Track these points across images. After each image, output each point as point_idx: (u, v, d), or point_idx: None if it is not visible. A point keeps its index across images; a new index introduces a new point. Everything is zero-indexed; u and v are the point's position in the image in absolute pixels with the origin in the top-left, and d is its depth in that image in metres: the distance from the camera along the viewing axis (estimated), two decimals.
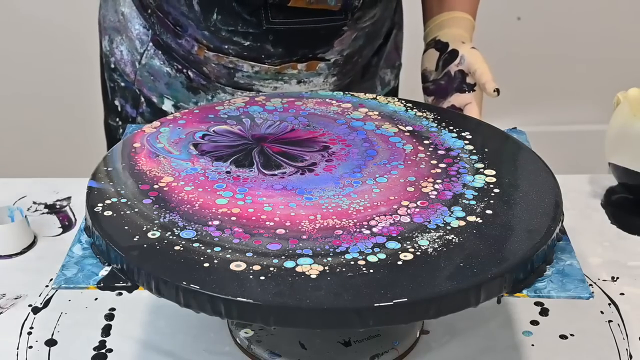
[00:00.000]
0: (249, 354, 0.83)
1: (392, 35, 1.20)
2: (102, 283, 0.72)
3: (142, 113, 1.17)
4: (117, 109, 1.20)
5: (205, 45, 1.07)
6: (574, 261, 0.75)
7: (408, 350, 0.84)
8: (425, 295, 0.67)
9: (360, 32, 1.09)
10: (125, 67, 1.16)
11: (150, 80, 1.14)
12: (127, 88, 1.17)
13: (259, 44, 1.05)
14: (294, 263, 0.69)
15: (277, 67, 1.07)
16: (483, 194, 0.80)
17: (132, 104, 1.17)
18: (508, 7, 2.23)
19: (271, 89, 1.10)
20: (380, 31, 1.15)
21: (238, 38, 1.05)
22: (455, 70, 1.08)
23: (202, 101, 1.12)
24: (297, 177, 0.83)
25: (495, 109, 2.17)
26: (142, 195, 0.79)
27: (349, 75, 1.14)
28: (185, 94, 1.13)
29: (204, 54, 1.08)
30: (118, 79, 1.18)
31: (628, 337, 0.87)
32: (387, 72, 1.21)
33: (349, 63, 1.12)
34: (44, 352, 0.85)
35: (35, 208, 1.09)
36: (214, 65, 1.08)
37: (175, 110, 1.13)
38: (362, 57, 1.14)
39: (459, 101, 1.08)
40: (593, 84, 2.27)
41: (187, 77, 1.12)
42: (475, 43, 1.11)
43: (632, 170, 1.05)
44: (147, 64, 1.13)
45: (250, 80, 1.09)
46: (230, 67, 1.08)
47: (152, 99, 1.15)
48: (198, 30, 1.06)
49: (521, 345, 0.86)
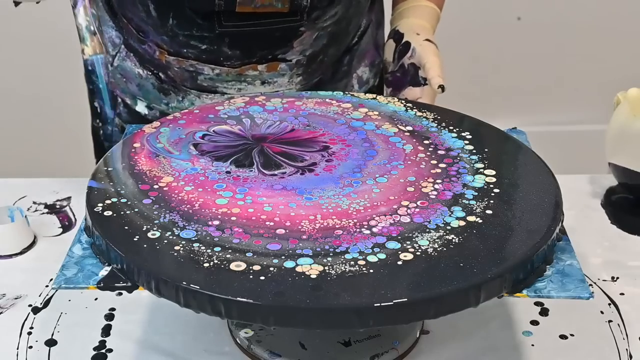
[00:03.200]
0: (249, 354, 0.83)
1: (367, 34, 1.19)
2: (102, 283, 0.72)
3: (119, 114, 1.18)
4: (97, 111, 1.21)
5: (165, 49, 1.08)
6: (574, 261, 0.75)
7: (408, 350, 0.84)
8: (425, 295, 0.67)
9: (321, 31, 1.08)
10: (101, 69, 1.18)
11: (122, 82, 1.15)
12: (105, 90, 1.19)
13: (215, 47, 1.05)
14: (294, 263, 0.69)
15: (237, 69, 1.08)
16: (483, 194, 0.80)
17: (111, 105, 1.19)
18: (508, 7, 2.23)
19: (235, 90, 1.10)
20: (347, 30, 1.14)
21: (195, 42, 1.05)
22: (407, 63, 1.08)
23: (173, 102, 1.13)
24: (297, 177, 0.83)
25: (496, 109, 2.18)
26: (142, 195, 0.79)
27: (316, 75, 1.13)
28: (157, 95, 1.13)
29: (165, 58, 1.08)
30: (96, 80, 1.20)
31: (628, 337, 0.87)
32: (366, 71, 1.20)
33: (314, 62, 1.11)
34: (44, 352, 0.85)
35: (35, 208, 1.09)
36: (177, 69, 1.09)
37: (149, 111, 1.14)
38: (328, 56, 1.13)
39: (411, 95, 1.09)
40: (593, 84, 2.27)
41: (157, 79, 1.12)
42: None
43: (632, 170, 1.05)
44: (119, 66, 1.14)
45: (213, 82, 1.09)
46: (191, 70, 1.08)
47: (126, 101, 1.16)
48: (157, 35, 1.07)
49: (521, 345, 0.86)
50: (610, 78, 2.13)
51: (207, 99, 1.10)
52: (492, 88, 2.29)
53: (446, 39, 2.09)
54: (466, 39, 2.20)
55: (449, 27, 2.14)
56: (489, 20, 2.23)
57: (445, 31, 2.13)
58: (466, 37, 2.20)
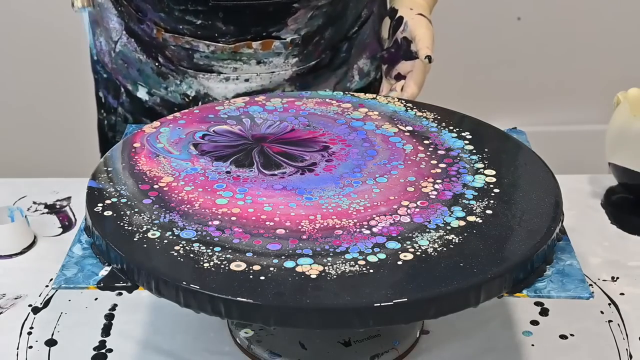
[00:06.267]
0: (249, 354, 0.83)
1: (367, 24, 1.20)
2: (102, 283, 0.72)
3: (122, 103, 1.19)
4: (102, 101, 1.22)
5: (162, 27, 1.10)
6: (574, 261, 0.75)
7: (408, 350, 0.84)
8: (425, 295, 0.67)
9: (316, 11, 1.09)
10: (104, 57, 1.19)
11: (124, 67, 1.16)
12: (109, 79, 1.20)
13: (210, 22, 1.07)
14: (294, 263, 0.69)
15: (232, 46, 1.08)
16: (483, 194, 0.80)
17: (113, 95, 1.19)
18: (508, 7, 2.23)
19: (231, 69, 1.10)
20: (345, 14, 1.15)
21: (190, 17, 1.07)
22: (400, 37, 1.09)
23: (172, 86, 1.14)
24: (297, 177, 0.83)
25: (496, 109, 2.18)
26: (142, 195, 0.79)
27: (312, 58, 1.13)
28: (156, 79, 1.14)
29: (162, 35, 1.10)
30: (100, 70, 1.21)
31: (628, 337, 0.87)
32: (367, 63, 1.20)
33: (309, 44, 1.12)
34: (44, 352, 0.85)
35: (35, 208, 1.09)
36: (173, 47, 1.10)
37: (150, 97, 1.15)
38: (324, 39, 1.13)
39: (404, 69, 1.09)
40: (593, 84, 2.27)
41: (156, 63, 1.13)
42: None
43: (632, 170, 1.05)
44: (121, 51, 1.15)
45: (209, 61, 1.10)
46: (187, 47, 1.09)
47: (128, 87, 1.17)
48: (155, 12, 1.08)
49: (521, 345, 0.86)
50: (610, 78, 2.13)
51: (204, 79, 1.11)
52: (492, 88, 2.29)
53: (446, 39, 2.10)
54: (466, 39, 2.20)
55: (450, 27, 2.15)
56: (489, 20, 2.23)
57: (446, 31, 2.13)
58: (466, 37, 2.20)
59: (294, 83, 1.13)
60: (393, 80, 1.11)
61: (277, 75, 1.11)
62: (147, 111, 1.16)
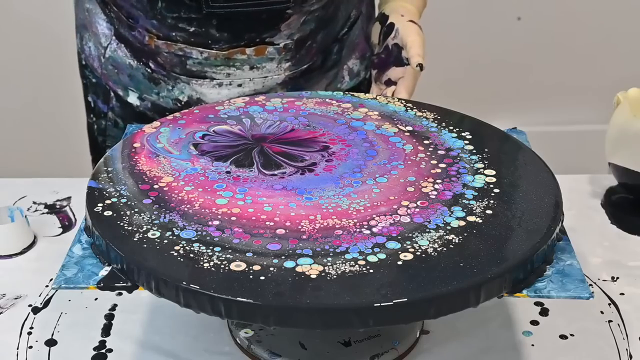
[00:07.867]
0: (249, 354, 0.83)
1: (357, 24, 1.20)
2: (102, 283, 0.72)
3: (112, 108, 1.19)
4: (91, 105, 1.22)
5: (154, 34, 1.09)
6: (574, 261, 0.75)
7: (408, 350, 0.84)
8: (425, 295, 0.67)
9: (309, 15, 1.09)
10: (93, 62, 1.18)
11: (114, 73, 1.16)
12: (98, 84, 1.19)
13: (203, 29, 1.07)
14: (294, 263, 0.69)
15: (225, 53, 1.08)
16: (483, 194, 0.80)
17: (103, 100, 1.19)
18: (508, 7, 2.23)
19: (224, 75, 1.10)
20: (336, 16, 1.15)
21: (183, 24, 1.07)
22: (391, 43, 1.09)
23: (163, 92, 1.13)
24: (297, 177, 0.83)
25: (496, 109, 2.18)
26: (142, 195, 0.79)
27: (305, 62, 1.14)
28: (147, 84, 1.14)
29: (154, 42, 1.10)
30: (89, 75, 1.20)
31: (628, 337, 0.87)
32: (357, 63, 1.21)
33: (302, 48, 1.12)
34: (44, 352, 0.85)
35: (35, 208, 1.09)
36: (166, 54, 1.10)
37: (141, 102, 1.15)
38: (317, 42, 1.13)
39: (394, 75, 1.10)
40: (593, 84, 2.27)
41: (148, 68, 1.13)
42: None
43: (632, 170, 1.05)
44: (111, 57, 1.15)
45: (202, 67, 1.10)
46: (180, 54, 1.09)
47: (118, 92, 1.17)
48: (147, 20, 1.08)
49: (521, 345, 0.86)
50: (610, 78, 2.13)
51: (197, 84, 1.11)
52: (492, 88, 2.29)
53: (446, 39, 2.10)
54: (466, 39, 2.20)
55: (450, 27, 2.15)
56: (489, 20, 2.23)
57: (446, 31, 2.13)
58: (466, 37, 2.20)
59: (286, 87, 1.13)
60: (383, 86, 1.11)
61: (270, 80, 1.11)
62: (138, 116, 1.15)
